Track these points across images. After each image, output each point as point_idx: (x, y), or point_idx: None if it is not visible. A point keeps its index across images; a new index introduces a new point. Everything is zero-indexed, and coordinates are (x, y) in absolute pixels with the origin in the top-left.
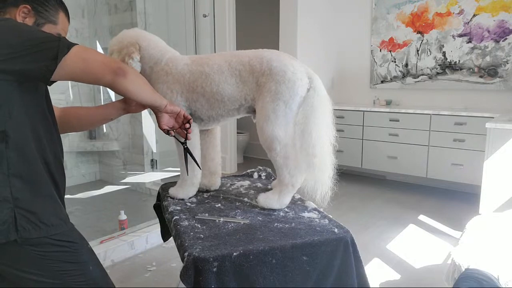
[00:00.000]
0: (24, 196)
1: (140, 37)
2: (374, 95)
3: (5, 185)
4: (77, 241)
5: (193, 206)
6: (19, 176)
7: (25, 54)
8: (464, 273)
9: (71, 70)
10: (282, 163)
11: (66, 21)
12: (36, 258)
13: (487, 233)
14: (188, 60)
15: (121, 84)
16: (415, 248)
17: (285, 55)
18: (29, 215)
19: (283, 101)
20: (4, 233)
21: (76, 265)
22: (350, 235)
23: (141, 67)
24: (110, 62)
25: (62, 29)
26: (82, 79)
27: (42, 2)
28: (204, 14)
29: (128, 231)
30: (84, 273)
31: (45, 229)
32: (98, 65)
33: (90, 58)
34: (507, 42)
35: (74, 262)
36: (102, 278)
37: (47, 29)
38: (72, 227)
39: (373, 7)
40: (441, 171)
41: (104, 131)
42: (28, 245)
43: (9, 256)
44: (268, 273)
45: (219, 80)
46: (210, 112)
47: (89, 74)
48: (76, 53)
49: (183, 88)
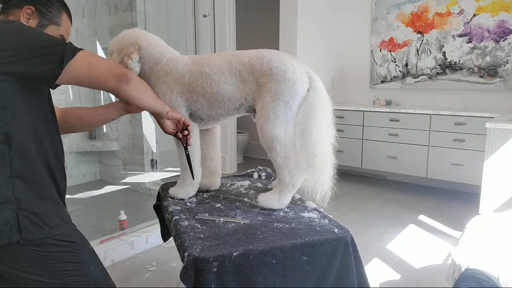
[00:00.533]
0: (26, 197)
1: (140, 37)
2: (374, 95)
3: (8, 187)
4: (78, 241)
5: (193, 206)
6: (22, 177)
7: (31, 57)
8: (464, 273)
9: (76, 75)
10: (282, 163)
11: (69, 23)
12: (37, 258)
13: (487, 233)
14: (188, 60)
15: (124, 90)
16: (415, 248)
17: (285, 55)
18: (32, 216)
19: (283, 101)
20: (6, 234)
21: (77, 265)
22: (350, 235)
23: (140, 67)
24: (114, 67)
25: (65, 30)
26: (86, 84)
27: (46, 4)
28: (204, 14)
29: (128, 231)
30: (85, 273)
31: (48, 230)
32: (102, 70)
33: (95, 64)
34: (507, 42)
35: (75, 262)
36: (103, 278)
37: (50, 30)
38: (74, 228)
39: (373, 7)
40: (441, 171)
41: (104, 131)
42: (30, 246)
43: (10, 256)
44: (268, 273)
45: (219, 80)
46: (210, 112)
47: (93, 79)
48: (81, 58)
49: (183, 88)
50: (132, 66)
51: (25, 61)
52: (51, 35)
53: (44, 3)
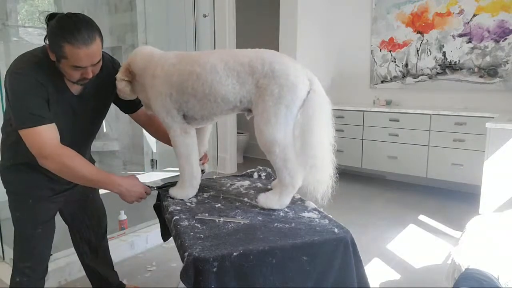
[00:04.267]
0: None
1: (130, 55)
2: (374, 95)
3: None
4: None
5: (193, 206)
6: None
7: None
8: (464, 273)
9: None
10: (281, 165)
11: (78, 50)
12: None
13: (487, 233)
14: (175, 59)
15: (41, 163)
16: (415, 248)
17: (286, 57)
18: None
19: (285, 105)
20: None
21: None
22: (350, 235)
23: (137, 82)
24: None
25: (76, 60)
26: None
27: (52, 40)
28: (204, 14)
29: (128, 231)
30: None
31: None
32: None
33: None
34: (507, 42)
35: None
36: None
37: (64, 64)
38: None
39: (373, 7)
40: (441, 171)
41: (104, 131)
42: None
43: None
44: (268, 273)
45: (212, 80)
46: (202, 112)
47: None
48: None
49: (171, 90)
50: (117, 84)
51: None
52: (31, 99)
53: (51, 39)
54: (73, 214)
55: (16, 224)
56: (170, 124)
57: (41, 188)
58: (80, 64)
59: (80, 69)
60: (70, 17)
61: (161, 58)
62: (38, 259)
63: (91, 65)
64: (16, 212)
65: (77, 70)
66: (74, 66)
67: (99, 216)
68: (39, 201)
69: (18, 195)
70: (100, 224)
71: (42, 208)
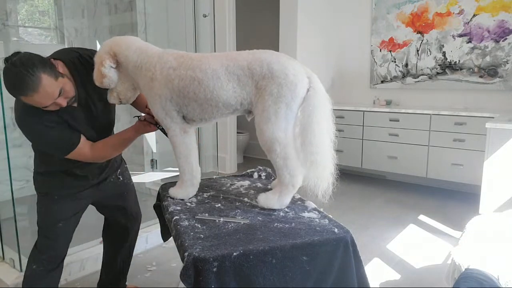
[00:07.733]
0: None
1: (114, 44)
2: (374, 95)
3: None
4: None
5: (193, 206)
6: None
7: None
8: (464, 273)
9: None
10: (282, 164)
11: (32, 97)
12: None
13: (487, 233)
14: (174, 63)
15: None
16: (415, 248)
17: (284, 56)
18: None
19: (285, 103)
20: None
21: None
22: (350, 235)
23: (120, 72)
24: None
25: (37, 103)
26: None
27: (11, 94)
28: (204, 14)
29: None
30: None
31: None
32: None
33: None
34: (507, 42)
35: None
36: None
37: (38, 96)
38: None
39: (373, 7)
40: (441, 171)
41: None
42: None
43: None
44: (268, 273)
45: (214, 86)
46: (203, 115)
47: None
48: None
49: (172, 94)
50: (106, 72)
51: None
52: (51, 132)
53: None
54: (109, 207)
55: (39, 218)
56: (169, 124)
57: (67, 188)
58: (43, 105)
59: (49, 106)
60: (10, 68)
61: (159, 59)
62: (56, 251)
63: (53, 100)
64: (42, 207)
65: (49, 106)
66: (42, 107)
67: (136, 212)
68: (63, 198)
69: (47, 195)
70: (136, 219)
71: (64, 205)
